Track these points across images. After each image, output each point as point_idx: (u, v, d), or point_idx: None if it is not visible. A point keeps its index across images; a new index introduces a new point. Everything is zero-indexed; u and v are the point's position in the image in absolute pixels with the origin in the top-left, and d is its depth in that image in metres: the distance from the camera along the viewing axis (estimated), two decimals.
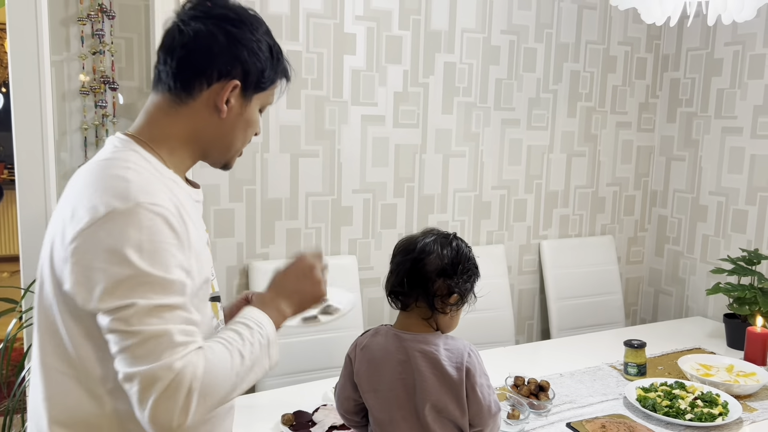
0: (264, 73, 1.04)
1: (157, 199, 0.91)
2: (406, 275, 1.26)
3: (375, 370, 1.28)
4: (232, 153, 1.09)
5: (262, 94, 1.06)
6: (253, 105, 1.06)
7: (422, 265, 1.25)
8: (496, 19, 2.56)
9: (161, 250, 0.89)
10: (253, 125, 1.08)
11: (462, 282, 1.27)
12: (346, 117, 2.34)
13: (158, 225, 0.89)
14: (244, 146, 1.10)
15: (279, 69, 1.08)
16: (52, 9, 1.91)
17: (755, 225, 2.60)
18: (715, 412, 1.68)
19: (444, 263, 1.25)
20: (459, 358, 1.24)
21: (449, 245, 1.28)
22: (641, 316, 3.16)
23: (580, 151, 2.85)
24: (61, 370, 0.93)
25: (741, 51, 2.62)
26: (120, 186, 0.90)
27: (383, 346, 1.29)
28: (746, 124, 2.62)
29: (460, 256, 1.28)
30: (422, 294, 1.25)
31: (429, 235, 1.30)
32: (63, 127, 1.99)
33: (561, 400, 1.80)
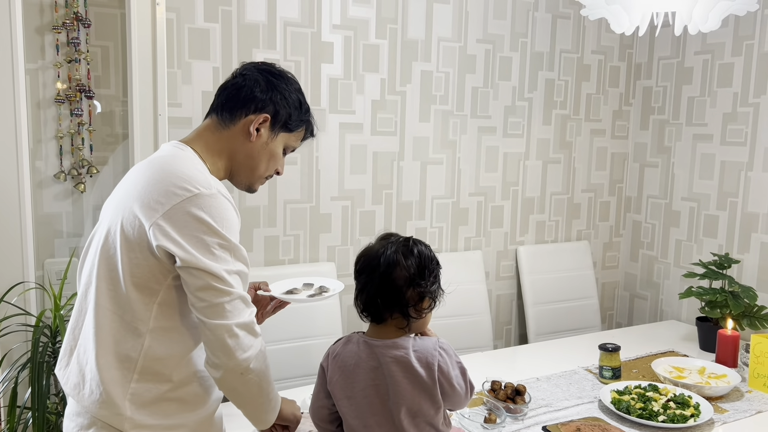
0: (291, 117, 1.32)
1: (226, 191, 1.21)
2: (377, 293, 1.26)
3: (347, 378, 1.29)
4: (255, 177, 1.33)
5: (288, 134, 1.34)
6: (278, 140, 1.33)
7: (390, 280, 1.25)
8: (471, 29, 2.59)
9: (235, 230, 1.19)
10: (275, 158, 1.33)
11: (430, 284, 1.28)
12: (324, 125, 2.36)
13: (231, 211, 1.19)
14: (267, 175, 1.35)
15: (304, 118, 1.36)
16: (26, 17, 1.90)
17: (726, 230, 2.65)
18: (687, 414, 1.71)
19: (411, 273, 1.25)
20: (429, 358, 1.25)
21: (411, 253, 1.27)
22: (617, 321, 3.20)
23: (555, 158, 2.89)
24: (113, 309, 1.16)
25: (710, 60, 2.69)
26: (199, 176, 1.18)
27: (355, 354, 1.29)
28: (716, 131, 2.68)
29: (423, 261, 1.28)
30: (396, 307, 1.26)
31: (389, 246, 1.28)
32: (38, 136, 1.98)
33: (537, 404, 1.82)
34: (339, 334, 2.34)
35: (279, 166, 1.36)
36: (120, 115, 2.07)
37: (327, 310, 2.34)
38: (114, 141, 2.08)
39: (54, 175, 2.01)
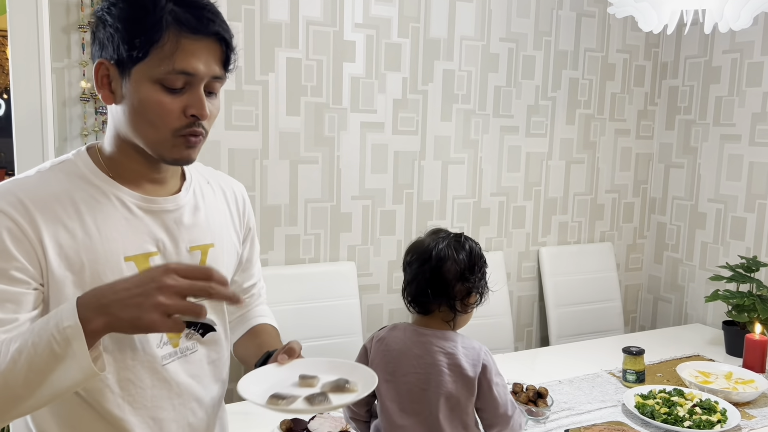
0: (120, 39, 0.91)
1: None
2: (427, 285, 1.28)
3: (390, 361, 1.30)
4: (151, 141, 0.97)
5: (140, 65, 0.92)
6: (135, 80, 0.93)
7: (441, 273, 1.27)
8: (494, 27, 2.57)
9: None
10: (151, 104, 0.93)
11: (478, 281, 1.30)
12: (346, 124, 2.35)
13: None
14: (170, 129, 0.95)
15: (145, 25, 0.90)
16: (53, 16, 1.92)
17: (754, 232, 2.60)
18: (714, 420, 1.67)
19: (461, 267, 1.28)
20: (475, 356, 1.28)
21: (462, 248, 1.30)
22: (640, 323, 3.16)
23: (578, 158, 2.86)
24: None
25: (739, 59, 2.63)
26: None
27: (401, 340, 1.31)
28: (745, 131, 2.63)
29: (473, 257, 1.31)
30: (444, 300, 1.28)
31: (440, 240, 1.30)
32: (63, 134, 2.00)
33: (559, 407, 1.80)
34: (358, 335, 2.34)
35: (174, 109, 0.93)
36: None
37: (347, 311, 2.34)
38: None
39: None
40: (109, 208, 0.99)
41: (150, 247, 1.02)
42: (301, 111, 2.27)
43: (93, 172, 1.00)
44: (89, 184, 0.99)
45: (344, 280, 2.36)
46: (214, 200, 1.16)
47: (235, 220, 1.20)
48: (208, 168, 1.23)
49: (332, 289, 2.32)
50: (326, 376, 1.06)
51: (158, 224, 1.03)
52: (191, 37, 0.92)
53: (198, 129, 0.97)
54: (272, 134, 2.23)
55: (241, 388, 1.00)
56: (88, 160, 1.01)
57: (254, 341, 1.24)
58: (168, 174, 1.07)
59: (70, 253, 0.94)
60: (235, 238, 1.20)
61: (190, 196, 1.10)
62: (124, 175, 1.02)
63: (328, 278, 2.34)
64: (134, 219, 1.01)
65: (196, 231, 1.09)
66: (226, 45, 0.97)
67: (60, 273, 0.94)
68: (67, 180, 0.98)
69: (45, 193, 0.96)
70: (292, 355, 1.09)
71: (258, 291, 1.35)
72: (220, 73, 0.98)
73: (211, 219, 1.13)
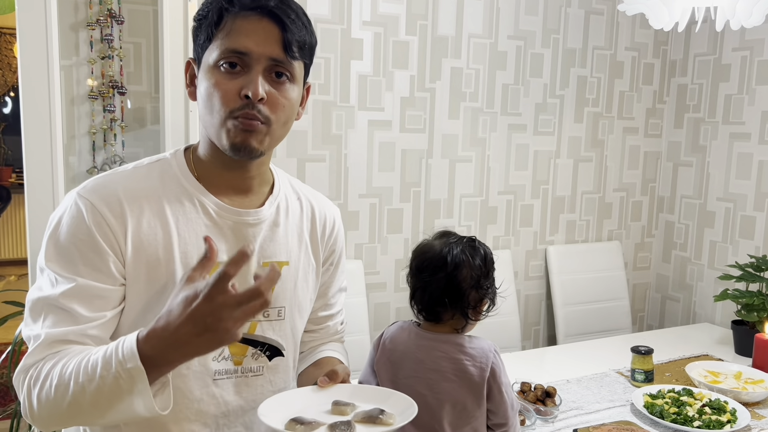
0: (197, 31, 0.97)
1: (91, 193, 0.96)
2: (442, 294, 1.22)
3: (393, 364, 1.27)
4: (211, 123, 0.96)
5: (204, 50, 0.96)
6: (203, 69, 0.96)
7: (457, 282, 1.21)
8: (502, 25, 2.56)
9: (65, 242, 0.95)
10: (206, 90, 0.94)
11: (490, 287, 1.26)
12: (353, 122, 2.35)
13: (67, 215, 0.95)
14: (225, 111, 0.94)
15: (203, 14, 0.95)
16: (61, 14, 1.92)
17: (763, 231, 2.58)
18: (723, 420, 1.66)
19: (477, 274, 1.23)
20: (484, 359, 1.23)
21: (477, 253, 1.25)
22: (648, 323, 3.14)
23: (586, 157, 2.85)
24: None
25: (749, 56, 2.62)
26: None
27: (405, 342, 1.27)
28: (754, 130, 2.61)
29: (488, 263, 1.26)
30: (458, 308, 1.23)
31: (453, 245, 1.24)
32: (72, 131, 2.00)
33: (568, 407, 1.79)
34: (365, 333, 2.34)
35: (229, 89, 0.92)
36: (151, 111, 2.09)
37: (354, 309, 2.33)
38: (146, 137, 2.10)
39: (87, 170, 2.03)
40: (192, 212, 0.99)
41: (223, 257, 1.00)
42: (309, 109, 2.27)
43: (184, 174, 1.01)
44: (178, 186, 1.00)
45: (351, 279, 2.36)
46: (299, 218, 1.13)
47: (316, 242, 1.15)
48: (306, 186, 1.20)
49: None
50: (364, 404, 0.97)
51: (236, 236, 1.02)
52: (243, 15, 0.91)
53: (252, 111, 0.92)
54: None
55: (262, 410, 0.93)
56: (182, 161, 1.02)
57: (316, 372, 1.15)
58: (255, 182, 1.05)
59: (149, 250, 0.96)
60: (312, 260, 1.15)
61: (272, 211, 1.08)
62: (211, 180, 1.02)
63: None
64: (213, 226, 1.01)
65: (273, 247, 1.07)
66: (282, 25, 0.93)
67: (136, 268, 0.95)
68: (159, 179, 1.00)
69: (136, 189, 0.97)
70: (334, 378, 1.03)
71: (334, 326, 1.28)
72: (280, 54, 0.93)
73: (291, 236, 1.10)
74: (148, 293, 0.95)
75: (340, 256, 1.23)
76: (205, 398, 1.01)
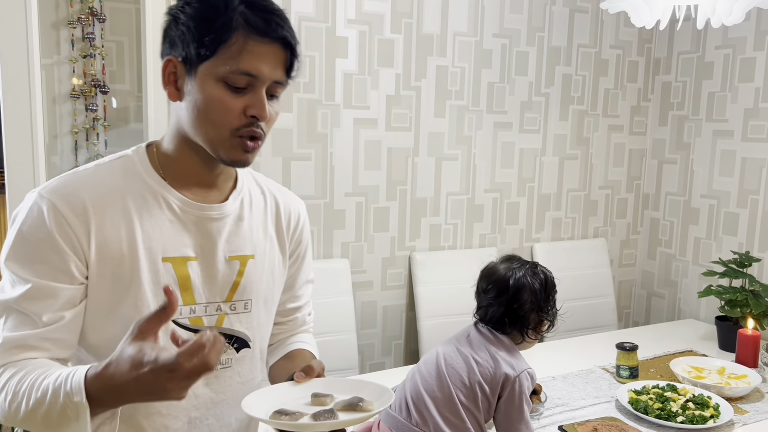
0: (191, 36, 0.93)
1: (51, 192, 0.96)
2: (504, 315, 1.37)
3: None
4: (210, 139, 0.96)
5: (207, 63, 0.93)
6: (201, 77, 0.93)
7: (518, 305, 1.36)
8: (488, 23, 2.56)
9: (22, 243, 0.95)
10: (215, 102, 0.93)
11: (550, 308, 1.39)
12: (339, 120, 2.34)
13: (30, 217, 0.94)
14: (231, 128, 0.95)
15: (219, 24, 0.91)
16: (42, 12, 1.90)
17: (746, 228, 2.61)
18: (707, 415, 1.68)
19: (536, 298, 1.36)
20: (501, 377, 1.34)
21: (537, 278, 1.39)
22: (634, 319, 3.16)
23: (572, 154, 2.86)
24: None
25: (731, 54, 2.64)
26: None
27: (460, 335, 1.44)
28: (737, 127, 2.63)
29: (549, 288, 1.39)
30: (517, 327, 1.38)
31: (516, 270, 1.38)
32: (53, 131, 1.98)
33: (553, 403, 1.80)
34: (352, 332, 2.33)
35: (235, 108, 0.93)
36: (134, 110, 2.08)
37: (340, 308, 2.33)
38: (129, 136, 2.08)
39: (69, 170, 2.02)
40: (155, 208, 1.00)
41: (189, 252, 1.01)
42: (294, 107, 2.26)
43: (147, 171, 1.01)
44: (141, 182, 1.00)
45: (338, 277, 2.36)
46: (263, 211, 1.13)
47: (282, 236, 1.16)
48: (270, 180, 1.20)
49: (326, 287, 2.31)
50: (342, 395, 1.00)
51: (200, 231, 1.03)
52: (258, 40, 0.93)
53: (257, 130, 0.96)
54: None
55: (246, 403, 0.95)
56: (144, 158, 1.02)
57: (288, 365, 1.17)
58: (221, 178, 1.06)
59: (113, 248, 0.95)
60: (278, 253, 1.16)
61: (236, 205, 1.08)
62: (175, 176, 1.02)
63: (322, 275, 2.33)
64: (177, 222, 1.01)
65: (238, 241, 1.07)
66: (291, 51, 0.97)
67: (100, 265, 0.95)
68: (121, 176, 1.00)
69: (99, 187, 0.97)
70: (310, 374, 1.04)
71: (302, 317, 1.29)
72: (283, 78, 0.98)
73: (255, 230, 1.10)
74: (114, 291, 0.95)
75: (306, 249, 1.25)
76: None
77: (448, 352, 1.40)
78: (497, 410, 1.35)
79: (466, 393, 1.33)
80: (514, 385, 1.33)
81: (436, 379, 1.35)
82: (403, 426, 1.34)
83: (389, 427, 1.36)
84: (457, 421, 1.31)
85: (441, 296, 2.50)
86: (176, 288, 1.00)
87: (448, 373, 1.35)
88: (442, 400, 1.32)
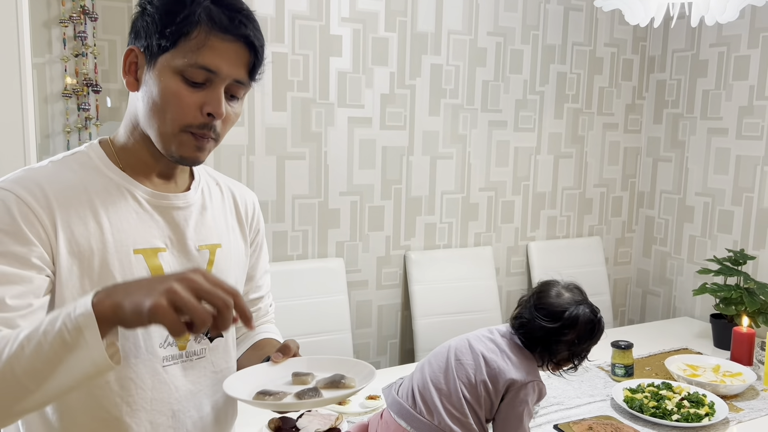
0: (153, 26, 0.92)
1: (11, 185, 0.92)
2: (540, 339, 1.35)
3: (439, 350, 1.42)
4: (161, 134, 0.95)
5: (166, 55, 0.92)
6: (159, 69, 0.93)
7: (557, 338, 1.34)
8: (482, 21, 2.56)
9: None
10: (170, 94, 0.92)
11: (582, 354, 1.38)
12: (333, 119, 2.33)
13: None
14: (182, 125, 0.94)
15: (184, 16, 0.91)
16: (33, 11, 1.89)
17: (741, 225, 2.61)
18: (702, 413, 1.68)
19: (579, 341, 1.34)
20: (520, 379, 1.33)
21: (590, 322, 1.35)
22: (629, 317, 3.17)
23: (567, 153, 2.86)
24: None
25: (726, 52, 2.64)
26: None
27: (482, 333, 1.42)
28: (731, 125, 2.63)
29: (594, 336, 1.36)
30: (543, 355, 1.37)
31: (578, 306, 1.35)
32: (45, 130, 1.97)
33: (548, 402, 1.79)
34: (347, 331, 2.33)
35: (190, 102, 0.92)
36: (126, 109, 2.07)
37: (335, 307, 2.32)
38: None
39: None
40: (121, 201, 0.99)
41: (158, 243, 1.01)
42: (288, 106, 2.25)
43: (106, 165, 1.00)
44: (102, 176, 0.99)
45: (333, 277, 2.35)
46: (222, 202, 1.14)
47: (243, 225, 1.18)
48: (218, 172, 1.21)
49: (320, 286, 2.31)
50: (322, 373, 0.99)
51: (167, 221, 1.03)
52: (221, 37, 0.92)
53: (208, 132, 0.95)
54: (258, 130, 2.21)
55: (227, 385, 0.95)
56: (101, 152, 1.01)
57: (257, 353, 1.18)
58: (177, 170, 1.06)
59: (81, 241, 0.94)
60: (241, 242, 1.17)
61: (198, 195, 1.08)
62: (135, 168, 1.01)
63: (317, 275, 2.32)
64: (144, 213, 1.00)
65: (204, 230, 1.07)
66: (254, 52, 0.95)
67: (68, 261, 0.93)
68: (81, 170, 0.98)
69: (59, 181, 0.95)
70: (287, 353, 1.03)
71: (265, 307, 1.30)
72: (245, 78, 0.96)
73: (218, 220, 1.11)
74: (83, 285, 0.93)
75: (263, 238, 1.26)
76: (157, 385, 1.01)
77: (461, 347, 1.40)
78: (498, 412, 1.35)
79: (470, 390, 1.33)
80: (519, 391, 1.33)
81: (444, 372, 1.36)
82: (407, 413, 1.34)
83: (395, 413, 1.36)
84: (460, 416, 1.31)
85: (436, 295, 2.50)
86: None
87: (455, 367, 1.35)
88: (447, 393, 1.33)
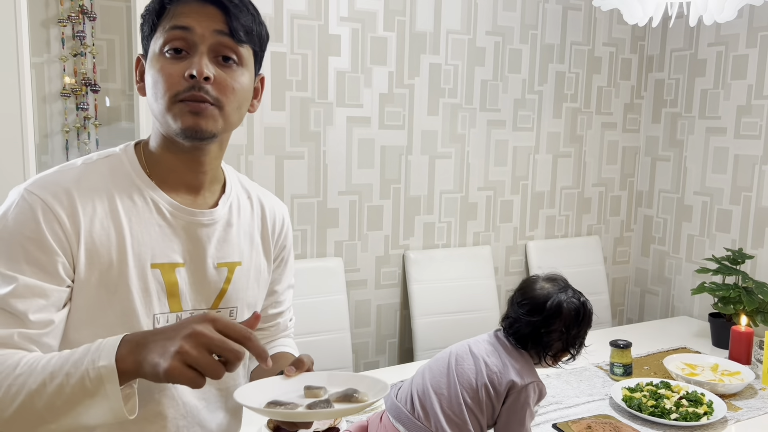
0: (145, 19, 0.97)
1: (40, 189, 0.92)
2: (530, 334, 1.34)
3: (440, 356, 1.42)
4: (156, 104, 0.95)
5: (152, 43, 0.96)
6: (150, 60, 0.96)
7: (547, 330, 1.33)
8: (481, 21, 2.56)
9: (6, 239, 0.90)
10: (154, 76, 0.93)
11: (578, 342, 1.36)
12: (332, 118, 2.33)
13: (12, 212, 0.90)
14: (169, 93, 0.93)
15: (158, 2, 0.95)
16: (31, 10, 1.88)
17: (739, 224, 2.61)
18: (700, 412, 1.68)
19: (568, 329, 1.33)
20: (506, 385, 1.32)
21: (576, 308, 1.34)
22: (628, 316, 3.17)
23: (565, 152, 2.86)
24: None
25: (724, 51, 2.64)
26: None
27: (477, 340, 1.42)
28: (730, 124, 2.64)
29: (583, 322, 1.35)
30: (538, 351, 1.36)
31: (559, 293, 1.34)
32: (44, 130, 1.97)
33: (547, 401, 1.79)
34: (346, 331, 2.33)
35: (174, 72, 0.92)
36: (125, 109, 2.06)
37: (334, 307, 2.32)
38: (120, 135, 2.07)
39: None
40: (145, 212, 0.97)
41: (177, 258, 0.99)
42: (287, 106, 2.25)
43: (135, 171, 0.99)
44: (130, 183, 0.97)
45: (331, 276, 2.35)
46: (250, 217, 1.12)
47: (267, 241, 1.15)
48: (254, 183, 1.19)
49: (319, 285, 2.31)
50: (335, 387, 0.97)
51: (189, 236, 1.00)
52: (188, 3, 0.93)
53: (198, 93, 0.91)
54: (257, 129, 2.21)
55: (239, 394, 0.93)
56: (133, 157, 1.00)
57: (272, 367, 1.17)
58: (206, 178, 1.03)
59: (101, 251, 0.92)
60: (263, 259, 1.14)
61: (225, 211, 1.06)
62: (162, 177, 1.00)
63: (315, 274, 2.32)
64: (167, 227, 0.98)
65: (226, 248, 1.05)
66: (226, 11, 0.93)
67: (87, 270, 0.91)
68: (109, 175, 0.97)
69: (88, 186, 0.94)
70: (300, 367, 1.00)
71: (284, 323, 1.27)
72: (224, 29, 0.93)
73: (243, 236, 1.09)
74: (99, 296, 0.92)
75: (289, 253, 1.23)
76: (164, 400, 1.00)
77: (461, 352, 1.40)
78: (499, 416, 1.35)
79: (471, 395, 1.32)
80: (519, 394, 1.33)
81: (445, 377, 1.36)
82: (406, 418, 1.34)
83: (393, 418, 1.36)
84: (459, 421, 1.31)
85: (435, 295, 2.50)
86: (163, 294, 0.97)
87: (457, 372, 1.35)
88: (448, 399, 1.32)
